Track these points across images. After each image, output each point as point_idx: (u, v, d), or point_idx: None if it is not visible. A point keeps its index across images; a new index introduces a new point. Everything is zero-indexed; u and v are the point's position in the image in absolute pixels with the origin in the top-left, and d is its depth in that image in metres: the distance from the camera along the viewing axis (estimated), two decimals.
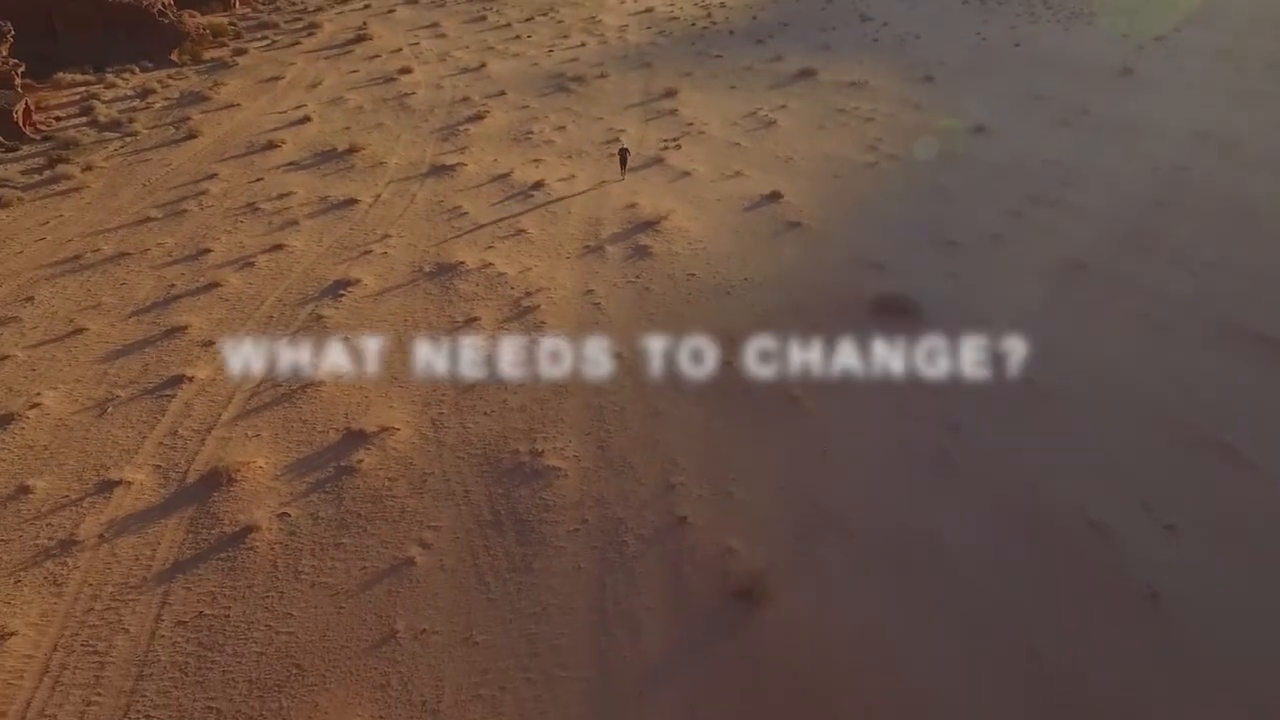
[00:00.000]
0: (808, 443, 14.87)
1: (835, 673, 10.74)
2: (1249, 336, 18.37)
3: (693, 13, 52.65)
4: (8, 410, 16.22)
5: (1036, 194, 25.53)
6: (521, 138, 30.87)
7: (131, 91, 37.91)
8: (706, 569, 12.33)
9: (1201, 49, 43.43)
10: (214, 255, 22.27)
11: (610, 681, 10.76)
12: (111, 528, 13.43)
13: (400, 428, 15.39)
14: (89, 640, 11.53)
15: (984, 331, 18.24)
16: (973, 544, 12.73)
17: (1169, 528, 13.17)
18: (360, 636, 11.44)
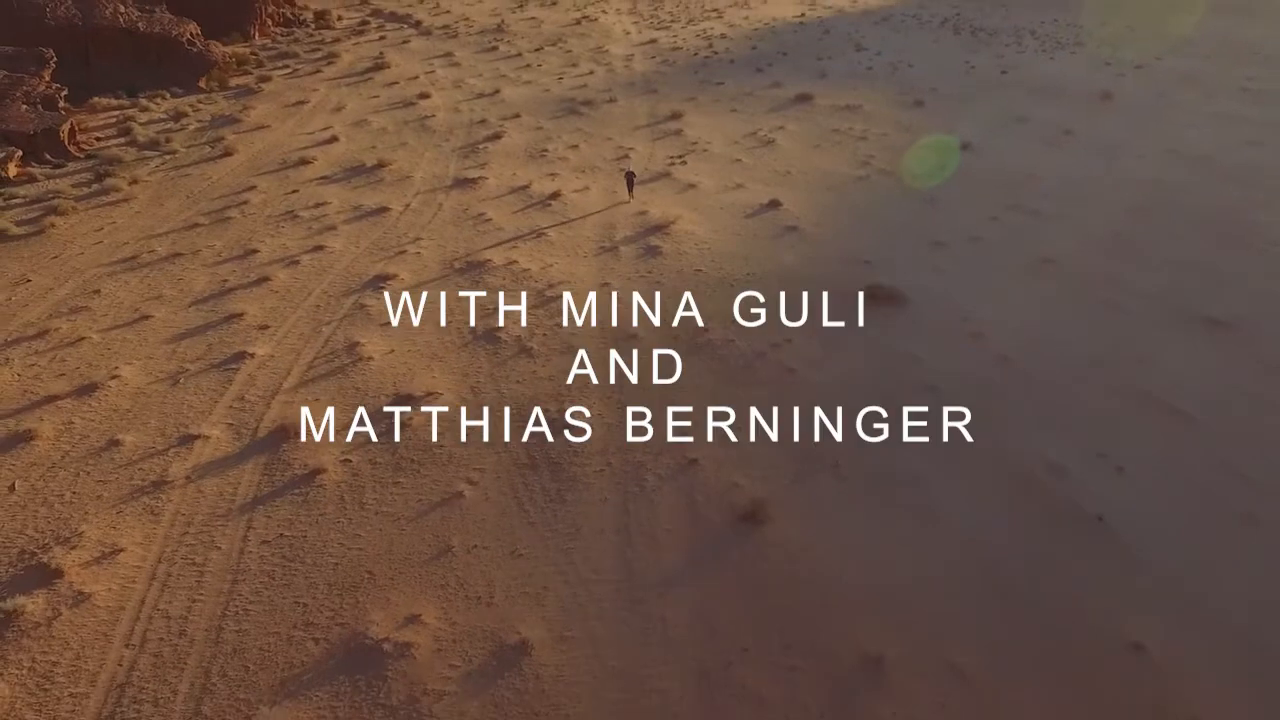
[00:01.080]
0: (802, 404, 17.15)
1: (824, 577, 12.94)
2: (1204, 320, 20.75)
3: (695, 43, 55.90)
4: (91, 380, 18.55)
5: (1017, 203, 28.09)
6: (537, 155, 33.56)
7: (164, 115, 40.73)
8: (715, 499, 14.58)
9: (1179, 75, 46.47)
10: (261, 255, 24.74)
11: (635, 583, 12.96)
12: (196, 471, 15.68)
13: (443, 393, 17.71)
14: (187, 555, 13.74)
15: (962, 315, 20.63)
16: (946, 483, 14.97)
17: (1118, 469, 15.43)
18: (420, 551, 13.66)
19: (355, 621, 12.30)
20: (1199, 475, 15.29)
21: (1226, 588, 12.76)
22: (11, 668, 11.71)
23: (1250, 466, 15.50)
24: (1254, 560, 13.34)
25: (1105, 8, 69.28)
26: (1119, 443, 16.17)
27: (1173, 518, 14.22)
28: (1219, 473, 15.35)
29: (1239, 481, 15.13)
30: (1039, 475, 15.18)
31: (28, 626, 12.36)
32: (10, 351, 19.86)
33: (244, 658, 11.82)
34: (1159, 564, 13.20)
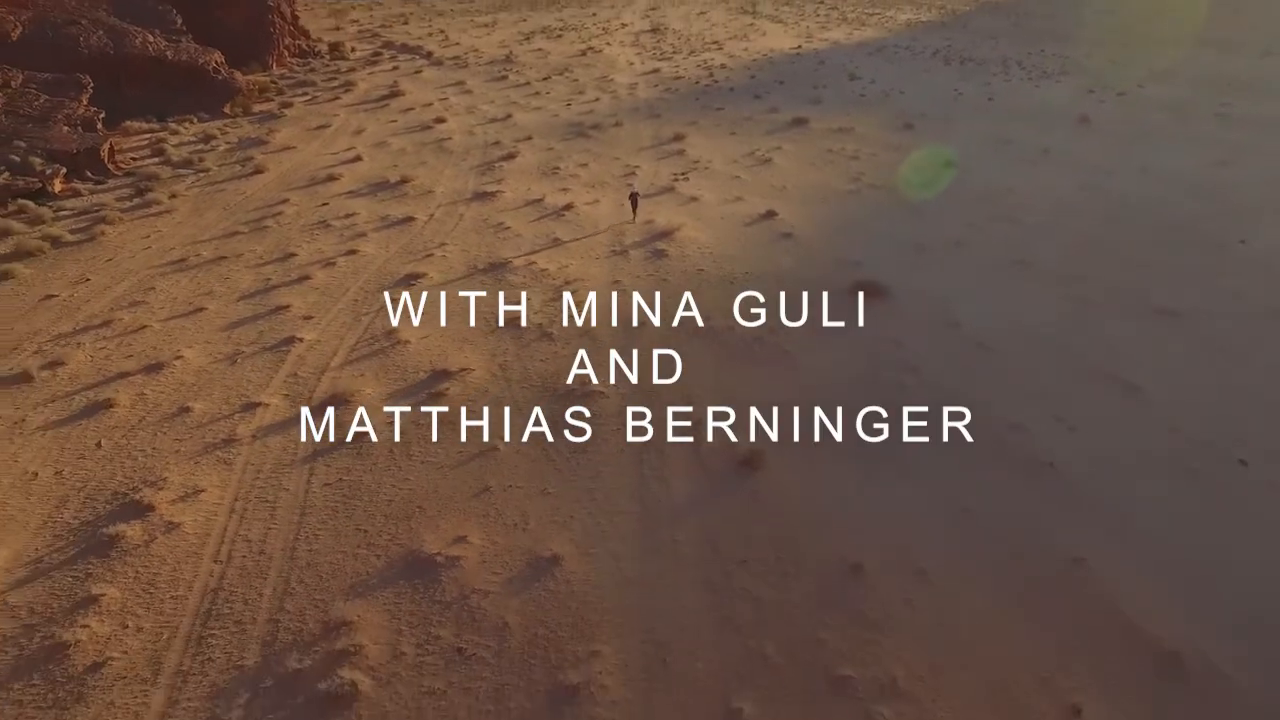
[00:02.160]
0: (796, 379, 19.64)
1: (812, 509, 15.31)
2: (1159, 310, 23.33)
3: (696, 73, 59.25)
4: (158, 360, 21.05)
5: (995, 213, 30.82)
6: (550, 172, 36.41)
7: (194, 137, 43.72)
8: (719, 450, 17.01)
9: (1157, 102, 49.63)
10: (299, 258, 27.38)
11: (649, 514, 15.34)
12: (260, 431, 18.13)
13: (475, 369, 20.21)
14: (260, 495, 16.14)
15: (941, 307, 23.20)
16: (920, 444, 17.38)
17: (1071, 428, 17.88)
18: (463, 490, 16.06)
19: (410, 542, 14.67)
20: (1141, 431, 17.74)
21: (1159, 516, 15.16)
22: (120, 578, 14.05)
23: (1187, 425, 17.96)
24: (1186, 498, 15.74)
25: (1092, 40, 73.00)
26: (1074, 408, 18.63)
27: (1115, 464, 16.63)
28: (1159, 429, 17.81)
29: (1176, 435, 17.59)
30: (1002, 433, 17.62)
31: (129, 548, 14.71)
32: (81, 338, 22.37)
33: (317, 569, 14.17)
34: (1100, 498, 15.60)
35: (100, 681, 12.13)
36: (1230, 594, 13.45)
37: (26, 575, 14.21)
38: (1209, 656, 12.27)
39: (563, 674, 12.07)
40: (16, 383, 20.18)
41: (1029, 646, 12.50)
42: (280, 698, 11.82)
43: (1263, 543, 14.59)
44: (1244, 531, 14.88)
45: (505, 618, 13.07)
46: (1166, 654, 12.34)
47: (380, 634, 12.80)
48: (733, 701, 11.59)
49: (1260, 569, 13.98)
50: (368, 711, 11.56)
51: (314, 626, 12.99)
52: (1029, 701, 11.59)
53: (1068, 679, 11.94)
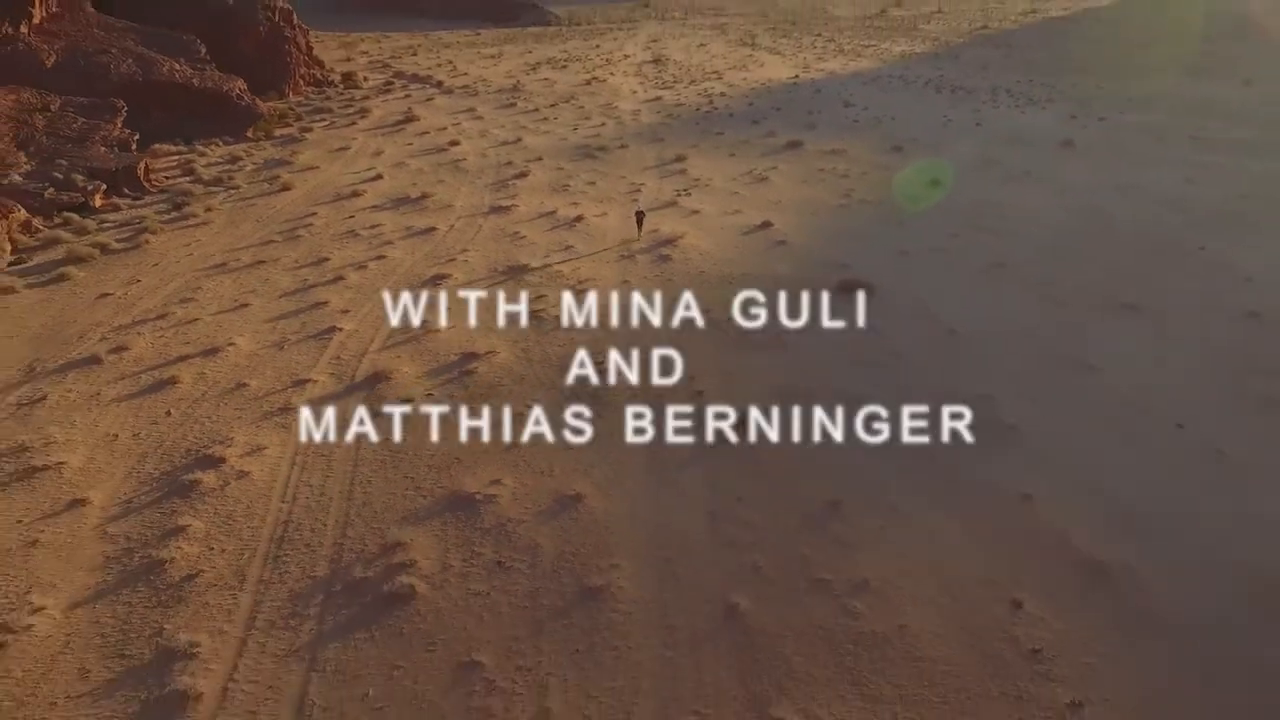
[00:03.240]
0: (787, 360, 22.34)
1: (799, 460, 17.92)
2: (1122, 305, 26.05)
3: (697, 100, 62.73)
4: (213, 345, 23.77)
5: (975, 225, 33.74)
6: (560, 189, 39.44)
7: (221, 159, 46.88)
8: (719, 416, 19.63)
9: (1137, 127, 52.93)
10: (332, 262, 30.21)
11: (657, 464, 17.94)
12: (312, 402, 20.78)
13: (500, 352, 22.91)
14: (317, 450, 18.76)
15: (921, 302, 25.97)
16: (898, 407, 19.99)
17: (1032, 400, 20.52)
18: (497, 446, 18.68)
19: (452, 484, 17.27)
20: (1094, 402, 20.41)
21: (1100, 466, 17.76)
22: (201, 513, 16.62)
23: (1136, 398, 20.62)
24: (1125, 453, 18.35)
25: (1078, 70, 76.73)
26: (1036, 384, 21.32)
27: (1067, 427, 19.27)
28: (1110, 401, 20.48)
29: (1127, 406, 20.24)
30: (971, 400, 20.24)
31: (206, 490, 17.30)
32: (139, 328, 25.11)
33: (372, 506, 16.76)
34: (1051, 452, 18.23)
35: (195, 588, 14.66)
36: (1154, 524, 16.01)
37: (120, 513, 16.79)
38: (1130, 566, 14.81)
39: (588, 579, 14.61)
40: (88, 364, 22.86)
41: (981, 561, 15.05)
42: (350, 598, 14.35)
43: (1185, 486, 17.20)
44: (1170, 477, 17.49)
45: (537, 540, 15.64)
46: (1096, 564, 14.87)
47: (431, 552, 15.36)
48: (730, 598, 14.12)
49: (1179, 504, 16.56)
50: (425, 606, 14.08)
51: (373, 547, 15.55)
52: (978, 597, 14.12)
53: (1012, 583, 14.47)
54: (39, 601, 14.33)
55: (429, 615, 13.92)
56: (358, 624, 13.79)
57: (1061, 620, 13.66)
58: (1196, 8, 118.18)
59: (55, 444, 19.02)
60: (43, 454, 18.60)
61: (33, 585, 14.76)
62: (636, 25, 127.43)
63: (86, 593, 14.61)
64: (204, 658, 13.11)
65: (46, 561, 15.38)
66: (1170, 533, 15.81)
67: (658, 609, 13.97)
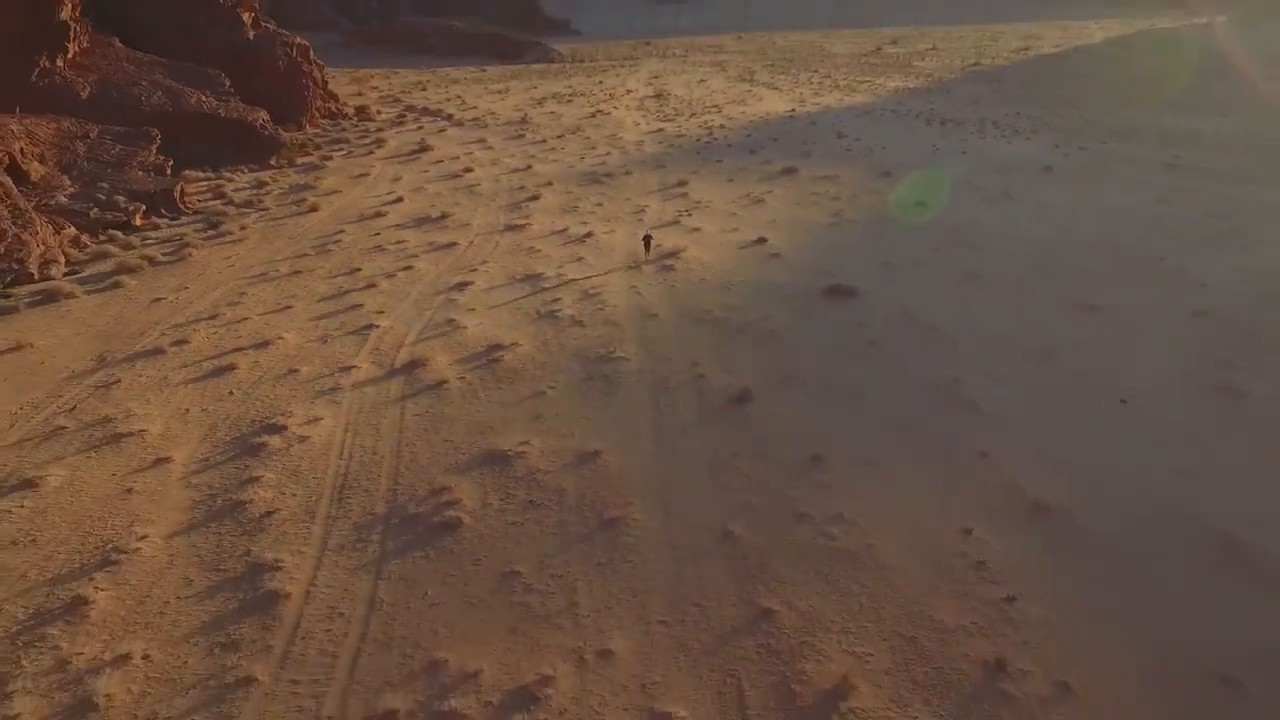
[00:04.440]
0: (779, 350, 25.48)
1: (787, 427, 20.94)
2: (1085, 306, 29.23)
3: (697, 132, 66.65)
4: (264, 339, 26.90)
5: (955, 240, 37.08)
6: (570, 209, 42.91)
7: (248, 184, 50.45)
8: (718, 392, 22.73)
9: (1115, 154, 56.65)
10: (364, 272, 33.49)
11: (664, 431, 20.98)
12: (357, 384, 23.88)
13: (523, 344, 26.06)
14: (366, 420, 21.81)
15: (900, 305, 29.18)
16: (878, 387, 23.12)
17: (996, 380, 23.62)
18: (522, 416, 21.73)
19: (487, 445, 20.30)
20: (1050, 382, 23.50)
21: (1049, 431, 20.77)
22: (271, 468, 19.62)
23: (1089, 378, 23.72)
24: (1073, 421, 21.38)
25: (1065, 103, 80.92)
26: (1000, 368, 24.43)
27: (1025, 401, 22.35)
28: (1065, 380, 23.58)
29: (1079, 386, 23.33)
30: (941, 383, 23.36)
31: (272, 451, 20.33)
32: (194, 326, 28.26)
33: (418, 461, 19.78)
34: (1008, 420, 21.28)
35: (273, 522, 17.65)
36: (1092, 475, 18.99)
37: (199, 468, 19.81)
38: (1067, 506, 17.79)
39: (606, 513, 17.60)
40: (153, 355, 25.99)
41: (940, 501, 18.04)
42: (405, 527, 17.34)
43: (1123, 447, 20.23)
44: (1110, 441, 20.52)
45: (563, 485, 18.66)
46: (1039, 504, 17.86)
47: (472, 494, 18.37)
48: (726, 526, 17.10)
49: (1116, 460, 19.58)
50: (470, 533, 17.07)
51: (423, 490, 18.56)
52: (935, 526, 17.10)
53: (965, 516, 17.46)
54: (141, 532, 17.31)
55: (474, 539, 16.90)
56: (414, 546, 16.76)
57: (1004, 543, 16.63)
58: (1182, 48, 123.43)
59: (135, 416, 22.05)
60: (125, 424, 21.63)
61: (134, 520, 17.74)
62: (638, 62, 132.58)
63: (180, 526, 17.58)
64: (288, 570, 16.05)
65: (142, 504, 18.37)
66: (1106, 482, 18.82)
67: (665, 534, 16.95)
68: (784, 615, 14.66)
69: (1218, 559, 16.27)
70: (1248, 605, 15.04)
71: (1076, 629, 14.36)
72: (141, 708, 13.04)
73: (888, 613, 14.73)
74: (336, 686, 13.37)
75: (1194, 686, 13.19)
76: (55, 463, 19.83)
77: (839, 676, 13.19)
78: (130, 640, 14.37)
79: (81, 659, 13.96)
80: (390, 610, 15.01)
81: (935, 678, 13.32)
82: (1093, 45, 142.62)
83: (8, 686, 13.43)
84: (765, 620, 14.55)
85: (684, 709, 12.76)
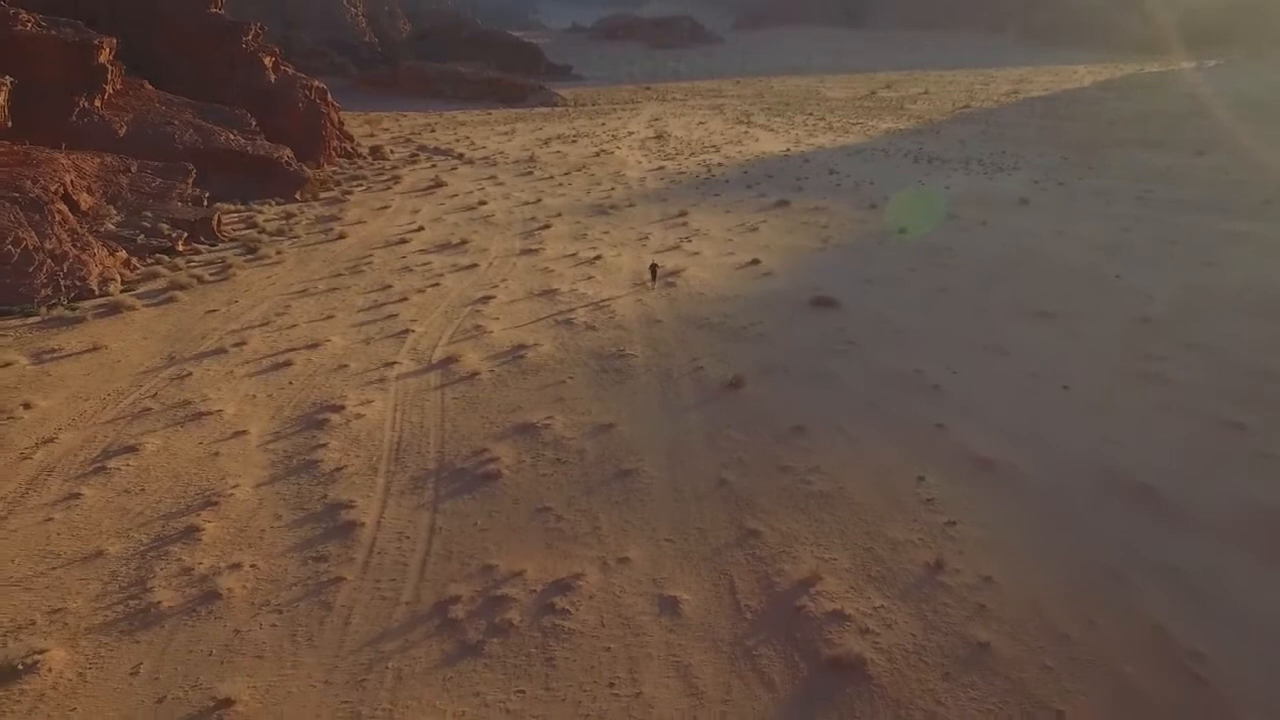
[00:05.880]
0: (769, 348, 29.56)
1: (775, 409, 24.94)
2: (1039, 313, 33.37)
3: (696, 170, 71.53)
4: (314, 341, 30.98)
5: (931, 261, 41.41)
6: (580, 236, 47.33)
7: (277, 215, 54.94)
8: (714, 379, 26.74)
9: (1090, 189, 61.38)
10: (395, 288, 37.71)
11: (668, 409, 24.96)
12: (401, 375, 27.91)
13: (544, 344, 30.14)
14: (412, 402, 25.79)
15: (876, 313, 33.34)
16: (852, 378, 27.12)
17: (954, 372, 27.65)
18: (545, 399, 25.71)
19: (518, 419, 24.26)
20: (1002, 373, 27.52)
21: (1000, 410, 24.69)
22: (334, 438, 23.56)
23: (1037, 371, 27.73)
24: (1023, 401, 25.30)
25: (1050, 143, 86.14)
26: (960, 362, 28.48)
27: (979, 387, 26.33)
28: (1015, 372, 27.61)
29: (1027, 376, 27.34)
30: (908, 372, 27.39)
31: (334, 425, 24.27)
32: (249, 332, 32.34)
33: (459, 433, 23.72)
34: (964, 401, 25.25)
35: (343, 475, 21.53)
36: (1033, 440, 22.85)
37: (272, 439, 23.72)
38: (1009, 461, 21.68)
39: (621, 466, 21.49)
40: (216, 354, 30.02)
41: (902, 458, 21.95)
42: (454, 478, 21.22)
43: (1062, 421, 24.14)
44: (1051, 416, 24.46)
45: (584, 447, 22.59)
46: (983, 460, 21.76)
47: (508, 455, 22.28)
48: (721, 475, 21.00)
49: (1056, 430, 23.46)
50: (508, 482, 20.95)
51: (466, 452, 22.48)
52: (896, 475, 20.97)
53: (920, 468, 21.35)
54: (233, 482, 21.18)
55: (512, 486, 20.80)
56: (462, 490, 20.65)
57: (951, 486, 20.53)
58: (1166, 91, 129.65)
59: (210, 400, 26.03)
60: (203, 405, 25.60)
61: (225, 475, 21.62)
62: (639, 106, 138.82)
63: (265, 479, 21.46)
64: (360, 508, 19.92)
65: (229, 464, 22.26)
66: (1042, 446, 22.75)
67: (671, 481, 20.85)
68: (767, 534, 18.51)
69: (1126, 499, 20.13)
70: (1143, 531, 18.88)
71: (1003, 543, 18.20)
72: (256, 597, 16.83)
73: (851, 532, 18.59)
74: (410, 583, 17.17)
75: (1089, 579, 17.01)
76: (149, 434, 23.73)
77: (809, 571, 17.01)
78: (239, 554, 18.19)
79: (202, 566, 17.77)
80: (447, 534, 18.85)
81: (886, 573, 17.15)
82: (1081, 89, 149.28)
83: (147, 584, 17.22)
84: (752, 538, 18.40)
85: (687, 593, 16.57)
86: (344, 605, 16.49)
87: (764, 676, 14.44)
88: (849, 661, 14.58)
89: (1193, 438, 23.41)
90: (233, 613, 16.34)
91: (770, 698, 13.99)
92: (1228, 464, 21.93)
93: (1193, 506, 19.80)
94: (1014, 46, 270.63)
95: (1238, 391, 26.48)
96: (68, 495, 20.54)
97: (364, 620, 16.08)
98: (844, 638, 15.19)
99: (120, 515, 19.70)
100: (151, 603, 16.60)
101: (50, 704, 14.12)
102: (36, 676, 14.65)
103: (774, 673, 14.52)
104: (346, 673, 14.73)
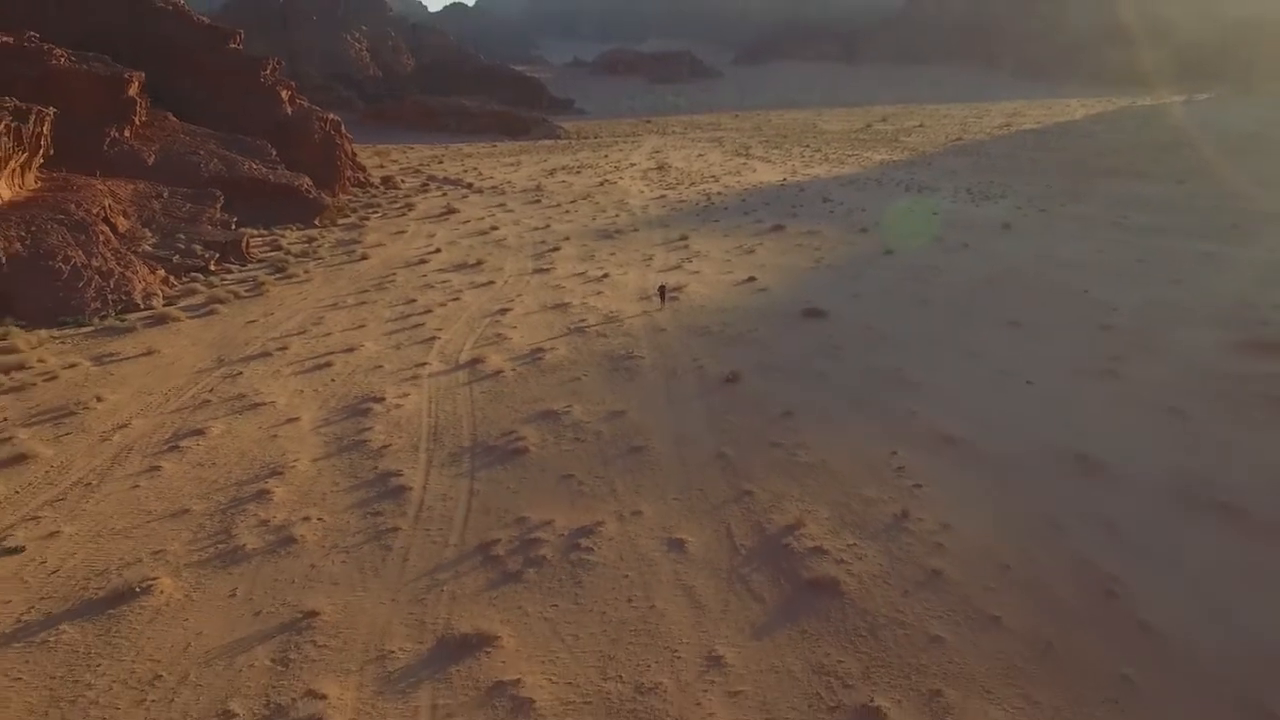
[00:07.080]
0: (763, 351, 33.11)
1: (767, 397, 28.43)
2: (1009, 322, 36.94)
3: (696, 198, 75.64)
4: (349, 346, 34.52)
5: (914, 277, 45.11)
6: (588, 258, 51.11)
7: (299, 239, 58.76)
8: (714, 376, 30.24)
9: (1070, 215, 65.31)
10: (419, 302, 41.35)
11: (673, 399, 28.43)
12: (433, 374, 31.43)
13: (559, 349, 33.70)
14: (445, 394, 29.27)
15: (862, 322, 36.96)
16: (840, 374, 30.65)
17: (931, 370, 31.17)
18: (563, 392, 29.17)
19: (540, 407, 27.72)
20: (973, 371, 31.00)
21: (969, 398, 28.10)
22: (379, 422, 26.99)
23: (1005, 368, 31.22)
24: (991, 394, 28.73)
25: (1035, 173, 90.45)
26: (934, 363, 31.97)
27: (953, 382, 29.79)
28: (985, 370, 31.10)
29: (996, 373, 30.83)
30: (888, 370, 30.90)
31: (377, 414, 27.71)
32: (289, 339, 35.89)
33: (490, 419, 27.17)
34: (939, 393, 28.69)
35: (389, 451, 24.94)
36: (997, 424, 26.25)
37: (323, 424, 27.15)
38: (969, 438, 25.12)
39: (633, 444, 24.91)
40: (261, 357, 33.54)
41: (879, 437, 25.37)
42: (487, 453, 24.63)
43: (1024, 409, 27.55)
44: (1015, 405, 27.89)
45: (600, 429, 26.04)
46: (949, 437, 25.19)
47: (534, 435, 25.72)
48: (720, 450, 24.43)
49: (1018, 416, 26.86)
50: (534, 456, 24.35)
51: (496, 433, 25.93)
52: (872, 450, 24.38)
53: (894, 445, 24.75)
54: (294, 458, 24.58)
55: (538, 459, 24.21)
56: (495, 463, 24.06)
57: (920, 458, 23.94)
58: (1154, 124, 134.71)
59: (262, 393, 29.49)
60: (256, 398, 29.06)
61: (285, 452, 25.01)
62: (640, 138, 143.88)
63: (321, 455, 24.87)
64: (407, 476, 23.31)
65: (287, 444, 25.66)
66: (1003, 428, 26.18)
67: (677, 454, 24.26)
68: (759, 494, 21.90)
69: (1072, 467, 23.51)
70: (1083, 491, 22.25)
71: (961, 500, 21.58)
72: (326, 541, 20.18)
73: (831, 493, 21.98)
74: (456, 530, 20.53)
75: (1031, 526, 20.37)
76: (212, 420, 27.17)
77: (794, 519, 20.39)
78: (307, 510, 21.55)
79: (276, 519, 21.12)
80: (484, 495, 22.23)
81: (859, 521, 20.53)
82: (1072, 121, 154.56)
83: (231, 532, 20.56)
84: (746, 496, 21.79)
85: (691, 537, 19.94)
86: (401, 547, 19.82)
87: (755, 593, 17.78)
88: (825, 582, 17.92)
89: (1138, 422, 26.83)
90: (308, 552, 19.66)
91: (760, 608, 17.33)
92: (1165, 442, 25.34)
93: (1129, 473, 23.18)
94: (1009, 81, 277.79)
95: (1185, 386, 29.91)
96: (149, 468, 23.90)
97: (420, 558, 19.41)
98: (822, 565, 18.54)
99: (198, 483, 23.06)
100: (237, 545, 19.92)
101: (166, 616, 17.41)
102: (151, 596, 17.95)
103: (764, 590, 17.87)
104: (409, 594, 18.05)
